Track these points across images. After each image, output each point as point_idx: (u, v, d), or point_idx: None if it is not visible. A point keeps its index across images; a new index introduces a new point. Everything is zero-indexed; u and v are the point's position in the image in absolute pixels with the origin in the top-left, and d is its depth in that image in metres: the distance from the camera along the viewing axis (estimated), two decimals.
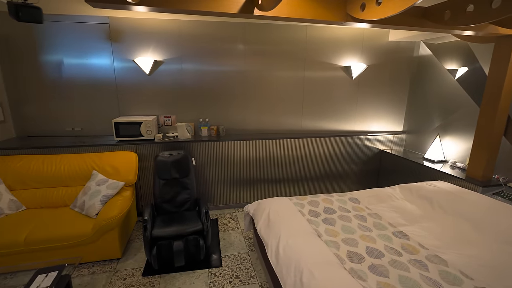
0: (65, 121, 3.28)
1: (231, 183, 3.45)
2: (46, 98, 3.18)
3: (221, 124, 3.55)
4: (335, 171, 3.80)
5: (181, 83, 3.37)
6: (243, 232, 2.96)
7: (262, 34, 3.39)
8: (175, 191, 2.75)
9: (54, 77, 3.15)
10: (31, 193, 2.66)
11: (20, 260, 2.22)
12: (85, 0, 1.49)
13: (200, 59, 3.34)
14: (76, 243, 2.26)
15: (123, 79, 3.24)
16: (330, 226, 2.12)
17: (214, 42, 3.32)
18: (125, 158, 2.88)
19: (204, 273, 2.32)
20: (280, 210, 2.33)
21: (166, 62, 3.28)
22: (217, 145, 3.29)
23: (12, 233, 2.20)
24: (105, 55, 3.16)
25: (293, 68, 3.56)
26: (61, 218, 2.42)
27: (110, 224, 2.30)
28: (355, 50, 3.63)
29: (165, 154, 2.78)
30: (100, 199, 2.48)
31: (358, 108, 3.85)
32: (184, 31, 3.22)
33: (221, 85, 3.46)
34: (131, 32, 3.13)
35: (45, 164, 2.74)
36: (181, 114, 3.46)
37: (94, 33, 3.10)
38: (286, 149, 3.52)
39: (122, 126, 3.02)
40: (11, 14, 2.17)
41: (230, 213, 3.39)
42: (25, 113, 3.20)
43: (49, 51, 3.08)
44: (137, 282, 2.21)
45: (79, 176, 2.76)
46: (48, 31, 3.03)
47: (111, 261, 2.45)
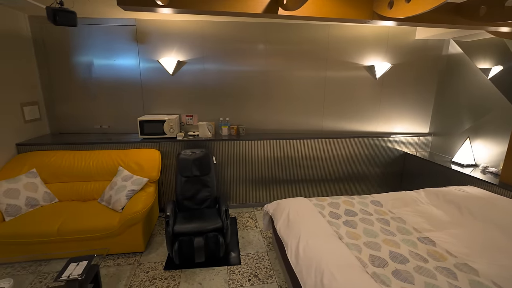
0: (94, 119, 3.45)
1: (250, 182, 3.47)
2: (77, 97, 3.37)
3: (241, 124, 3.58)
4: (356, 173, 3.71)
5: (203, 83, 3.43)
6: (262, 231, 2.97)
7: (283, 34, 3.38)
8: (196, 188, 2.81)
9: (85, 77, 3.32)
10: (63, 187, 2.82)
11: (53, 249, 2.37)
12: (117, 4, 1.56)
13: (221, 60, 3.39)
14: (103, 235, 2.38)
15: (148, 79, 3.36)
16: (351, 229, 2.08)
17: (236, 43, 3.36)
18: (149, 155, 2.98)
19: (223, 270, 2.35)
20: (300, 211, 2.32)
21: (189, 63, 3.36)
22: (237, 144, 3.32)
23: (46, 224, 2.35)
24: (131, 56, 3.29)
25: (314, 68, 3.53)
26: (89, 211, 2.55)
27: (134, 218, 2.39)
28: (379, 49, 3.53)
29: (187, 152, 2.85)
30: (126, 194, 2.58)
31: (381, 108, 3.74)
32: (207, 32, 3.29)
33: (242, 85, 3.49)
34: (156, 34, 3.24)
35: (75, 159, 2.89)
36: (202, 113, 3.53)
37: (122, 35, 3.23)
38: (306, 150, 3.49)
39: (147, 124, 3.13)
40: (49, 18, 2.31)
41: (248, 212, 3.41)
42: (58, 112, 3.40)
43: (81, 53, 3.26)
44: (159, 275, 2.29)
45: (106, 172, 2.89)
46: (80, 34, 3.20)
47: (134, 254, 2.55)
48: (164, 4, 1.44)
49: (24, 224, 2.33)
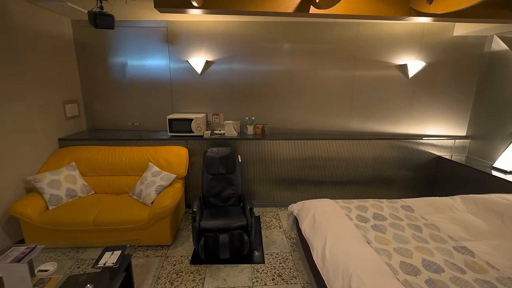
0: (126, 116, 3.63)
1: (274, 181, 3.46)
2: (112, 96, 3.56)
3: (266, 123, 3.59)
4: (383, 176, 3.57)
5: (229, 83, 3.48)
6: (286, 231, 2.96)
7: (310, 32, 3.34)
8: (222, 186, 2.86)
9: (119, 77, 3.51)
10: (98, 180, 3.00)
11: (89, 237, 2.53)
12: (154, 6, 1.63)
13: (248, 59, 3.42)
14: (134, 227, 2.50)
15: (177, 78, 3.48)
16: (380, 233, 2.01)
17: (263, 42, 3.37)
18: (177, 152, 3.08)
19: (247, 268, 2.37)
20: (326, 212, 2.28)
21: (217, 62, 3.42)
22: (262, 143, 3.33)
23: (83, 214, 2.51)
24: (162, 56, 3.42)
25: (343, 67, 3.44)
26: (122, 204, 2.69)
27: (163, 213, 2.48)
28: (413, 47, 3.36)
29: (213, 150, 2.91)
30: (155, 189, 2.69)
31: (413, 109, 3.56)
32: (235, 32, 3.33)
33: (268, 85, 3.50)
34: (186, 34, 3.34)
35: (110, 154, 3.06)
36: (228, 112, 3.58)
37: (154, 36, 3.37)
38: (332, 151, 3.42)
39: (175, 122, 3.23)
40: (90, 21, 2.47)
41: (272, 211, 3.41)
42: (94, 109, 3.62)
43: (116, 54, 3.44)
44: (185, 269, 2.36)
45: (137, 167, 3.03)
46: (116, 36, 3.38)
47: (162, 247, 2.65)
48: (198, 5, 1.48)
49: (65, 213, 2.51)
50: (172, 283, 2.19)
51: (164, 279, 2.23)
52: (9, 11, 2.52)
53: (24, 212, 2.42)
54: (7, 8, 2.50)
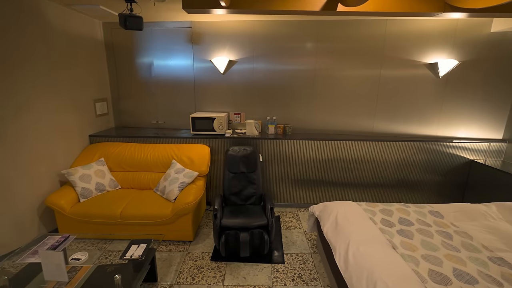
0: (151, 114, 3.76)
1: (295, 182, 3.43)
2: (138, 95, 3.70)
3: (287, 123, 3.57)
4: (410, 180, 3.42)
5: (251, 82, 3.50)
6: (306, 232, 2.92)
7: (335, 31, 3.27)
8: (243, 185, 2.88)
9: (145, 76, 3.63)
10: (125, 175, 3.13)
11: (115, 230, 2.64)
12: (182, 7, 1.67)
13: (271, 59, 3.41)
14: (158, 222, 2.58)
15: (200, 78, 3.54)
16: (407, 239, 1.93)
17: (285, 41, 3.35)
18: (199, 150, 3.14)
19: (267, 268, 2.37)
20: (348, 215, 2.23)
21: (239, 62, 3.45)
22: (283, 143, 3.31)
23: (111, 207, 2.63)
24: (186, 56, 3.50)
25: (368, 66, 3.34)
26: (147, 199, 2.79)
27: (186, 209, 2.54)
28: (445, 45, 3.20)
29: (235, 149, 2.93)
30: (178, 186, 2.76)
31: (443, 110, 3.39)
32: (258, 31, 3.33)
33: (290, 84, 3.48)
34: (209, 34, 3.39)
35: (136, 151, 3.18)
36: (250, 112, 3.60)
37: (179, 36, 3.45)
38: (354, 152, 3.33)
39: (198, 121, 3.30)
40: (120, 23, 2.58)
41: (292, 212, 3.39)
42: (122, 107, 3.78)
43: (143, 54, 3.57)
44: (206, 265, 2.40)
45: (161, 164, 3.12)
46: (143, 37, 3.50)
47: (184, 243, 2.72)
48: (226, 5, 1.50)
49: (94, 206, 2.65)
50: (194, 278, 2.23)
51: (186, 273, 2.29)
52: (48, 15, 2.69)
53: (58, 204, 2.57)
54: (46, 12, 2.66)
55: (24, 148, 2.52)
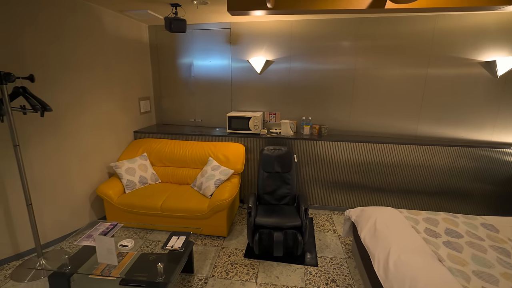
0: (190, 113, 3.92)
1: (329, 184, 3.36)
2: (178, 94, 3.88)
3: (323, 124, 3.50)
4: (457, 188, 3.15)
5: (288, 82, 3.49)
6: (340, 236, 2.85)
7: (377, 28, 3.13)
8: (277, 184, 2.88)
9: (186, 76, 3.80)
10: (165, 170, 3.31)
11: (155, 221, 2.81)
12: (227, 10, 1.72)
13: (308, 58, 3.37)
14: (195, 216, 2.69)
15: (237, 77, 3.61)
16: (455, 252, 1.79)
17: (324, 40, 3.28)
18: (235, 149, 3.21)
19: (300, 269, 2.36)
20: (388, 221, 2.13)
21: (276, 62, 3.45)
22: (318, 144, 3.26)
23: (152, 200, 2.80)
24: (224, 56, 3.59)
25: (413, 65, 3.15)
26: (185, 193, 2.92)
27: (221, 205, 2.62)
28: (505, 41, 2.89)
29: (270, 149, 2.95)
30: (214, 183, 2.85)
31: (500, 113, 3.07)
32: (295, 30, 3.31)
33: (327, 84, 3.40)
34: (247, 35, 3.44)
35: (175, 147, 3.35)
36: (285, 112, 3.59)
37: (218, 37, 3.55)
38: (394, 156, 3.16)
39: (234, 120, 3.37)
40: (166, 26, 2.73)
41: (325, 214, 3.32)
42: (163, 105, 3.99)
43: (184, 55, 3.73)
44: (240, 261, 2.45)
45: (198, 160, 3.25)
46: (184, 39, 3.66)
47: (218, 238, 2.80)
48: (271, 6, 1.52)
49: (137, 197, 2.84)
50: (228, 273, 2.30)
51: (220, 268, 2.36)
52: (105, 22, 2.94)
53: (107, 193, 2.81)
54: (102, 18, 2.91)
55: (82, 142, 2.79)
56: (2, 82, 1.93)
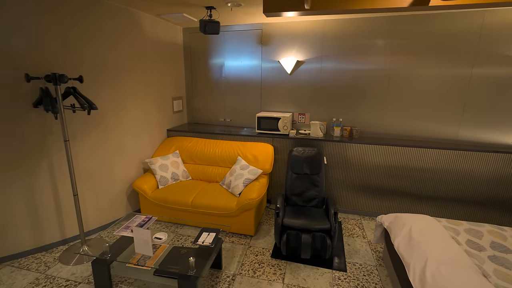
0: (220, 112, 4.01)
1: (359, 188, 3.25)
2: (208, 94, 3.99)
3: (355, 125, 3.40)
4: (503, 199, 2.90)
5: (318, 82, 3.43)
6: (371, 242, 2.75)
7: (416, 26, 2.97)
8: (305, 186, 2.86)
9: (216, 76, 3.89)
10: (195, 167, 3.42)
11: (186, 216, 2.92)
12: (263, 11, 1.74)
13: (340, 58, 3.29)
14: (224, 214, 2.75)
15: (267, 78, 3.63)
16: (504, 268, 1.65)
17: (357, 39, 3.19)
18: (263, 149, 3.23)
19: (328, 273, 2.32)
20: (425, 230, 2.02)
21: (307, 62, 3.42)
22: (349, 146, 3.17)
23: (183, 196, 2.91)
24: (255, 57, 3.63)
25: (456, 65, 2.94)
26: (214, 191, 3.00)
27: (249, 204, 2.65)
28: None
29: (299, 150, 2.93)
30: (243, 182, 2.90)
31: None
32: (328, 30, 3.25)
33: (359, 85, 3.30)
34: (278, 35, 3.45)
35: (205, 146, 3.45)
36: (315, 113, 3.54)
37: (249, 38, 3.60)
38: (432, 161, 2.98)
39: (263, 120, 3.39)
40: (200, 28, 2.82)
41: (354, 219, 3.23)
42: (194, 105, 4.13)
43: (215, 56, 3.83)
44: (267, 261, 2.47)
45: (227, 159, 3.32)
46: (216, 40, 3.75)
47: (245, 236, 2.84)
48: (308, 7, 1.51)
49: (169, 193, 2.96)
50: (255, 272, 2.32)
51: (247, 266, 2.39)
52: (144, 25, 3.11)
53: (142, 188, 2.97)
54: (141, 22, 3.08)
55: (121, 138, 2.98)
56: (56, 82, 2.12)
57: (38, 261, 2.40)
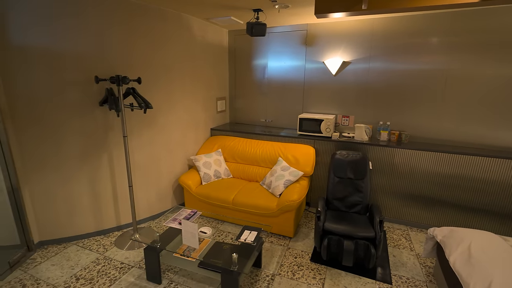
0: (261, 113, 4.06)
1: (406, 197, 3.05)
2: (251, 94, 4.07)
3: (404, 130, 3.19)
4: None
5: (365, 84, 3.30)
6: (419, 256, 2.57)
7: (476, 22, 2.69)
8: (348, 191, 2.76)
9: (259, 77, 3.95)
10: (236, 166, 3.51)
11: (226, 213, 3.01)
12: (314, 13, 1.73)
13: (390, 57, 3.12)
14: (264, 213, 2.79)
15: (310, 79, 3.58)
16: None
17: (409, 37, 2.99)
18: (304, 151, 3.20)
19: (371, 284, 2.22)
20: (487, 248, 1.82)
21: (353, 62, 3.30)
22: (397, 152, 2.99)
23: (225, 193, 3.00)
24: (299, 58, 3.60)
25: None
26: (254, 190, 3.05)
27: (290, 206, 2.65)
28: None
29: (343, 153, 2.84)
30: (284, 183, 2.90)
31: None
32: (377, 29, 3.10)
33: (411, 86, 3.09)
34: (324, 36, 3.38)
35: (247, 145, 3.52)
36: (360, 115, 3.40)
37: (293, 39, 3.58)
38: (493, 171, 2.67)
39: (305, 122, 3.35)
40: (247, 31, 2.88)
41: (400, 229, 3.03)
42: (236, 105, 4.24)
43: (259, 57, 3.88)
44: (306, 264, 2.44)
45: (268, 160, 3.35)
46: (260, 42, 3.81)
47: (284, 237, 2.84)
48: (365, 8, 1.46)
49: (212, 189, 3.09)
50: (294, 274, 2.31)
51: (286, 267, 2.40)
52: (192, 28, 3.28)
53: (187, 183, 3.13)
54: (191, 26, 3.25)
55: (170, 135, 3.19)
56: (119, 84, 2.34)
57: (98, 243, 2.68)
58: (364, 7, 1.44)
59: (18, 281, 2.19)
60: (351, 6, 1.54)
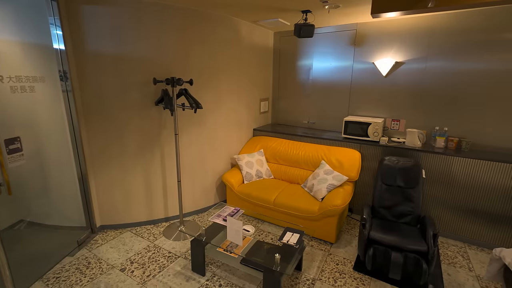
0: (304, 114, 4.02)
1: (465, 211, 2.76)
2: (294, 96, 4.05)
3: (464, 137, 2.90)
4: None
5: (420, 85, 3.06)
6: (480, 278, 2.31)
7: None
8: (397, 200, 2.60)
9: (303, 78, 3.91)
10: (278, 167, 3.53)
11: (267, 213, 3.04)
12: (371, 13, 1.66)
13: (450, 56, 2.86)
14: (305, 216, 2.76)
15: (358, 80, 3.44)
16: None
17: (475, 34, 2.70)
18: (349, 155, 3.09)
19: None
20: None
21: (407, 63, 3.09)
22: (455, 160, 2.72)
23: (266, 193, 3.04)
24: (346, 58, 3.49)
25: None
26: (296, 192, 3.03)
27: (333, 211, 2.58)
28: None
29: (392, 160, 2.68)
30: (326, 187, 2.84)
31: None
32: (438, 25, 2.86)
33: (475, 88, 2.79)
34: (374, 36, 3.22)
35: (289, 147, 3.51)
36: (412, 119, 3.18)
37: (341, 39, 3.48)
38: None
39: (351, 125, 3.24)
40: (295, 32, 2.88)
41: (456, 246, 2.76)
42: (279, 106, 4.25)
43: (304, 58, 3.84)
44: (348, 272, 2.36)
45: (310, 162, 3.30)
46: (306, 42, 3.76)
47: (325, 243, 2.78)
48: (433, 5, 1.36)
49: (254, 189, 3.14)
50: (336, 281, 2.25)
51: (327, 274, 2.34)
52: (240, 31, 3.38)
53: (230, 181, 3.24)
54: (239, 29, 3.35)
55: (216, 134, 3.33)
56: (173, 85, 2.52)
57: (148, 232, 2.91)
58: (431, 5, 1.34)
59: (84, 258, 2.48)
60: (414, 4, 1.44)
